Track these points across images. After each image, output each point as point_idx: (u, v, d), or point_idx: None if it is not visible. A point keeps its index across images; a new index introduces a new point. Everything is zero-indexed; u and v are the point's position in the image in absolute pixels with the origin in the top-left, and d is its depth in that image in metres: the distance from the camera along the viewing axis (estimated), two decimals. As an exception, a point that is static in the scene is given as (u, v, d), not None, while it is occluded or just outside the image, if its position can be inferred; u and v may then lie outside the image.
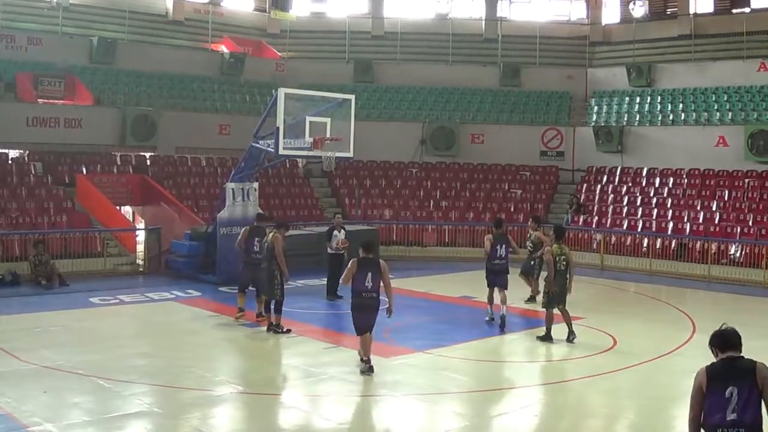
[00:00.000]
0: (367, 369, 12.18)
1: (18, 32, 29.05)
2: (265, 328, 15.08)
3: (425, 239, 26.91)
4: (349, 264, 12.45)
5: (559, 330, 15.40)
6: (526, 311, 17.69)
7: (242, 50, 34.24)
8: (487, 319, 16.38)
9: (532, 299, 18.53)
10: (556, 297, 14.53)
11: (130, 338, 14.83)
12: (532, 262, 18.63)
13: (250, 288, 16.00)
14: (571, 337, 14.54)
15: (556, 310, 14.65)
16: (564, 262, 14.58)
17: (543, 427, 10.30)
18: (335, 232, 18.95)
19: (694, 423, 6.22)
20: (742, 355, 6.22)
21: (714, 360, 6.27)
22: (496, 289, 16.27)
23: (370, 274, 12.12)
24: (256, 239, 15.84)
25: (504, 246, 16.29)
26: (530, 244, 18.81)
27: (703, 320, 16.81)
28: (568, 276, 14.68)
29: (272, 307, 14.94)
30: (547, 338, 14.56)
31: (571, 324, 14.64)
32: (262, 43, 36.49)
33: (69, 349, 13.37)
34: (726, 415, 6.00)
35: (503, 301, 15.99)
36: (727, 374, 6.10)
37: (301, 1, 36.39)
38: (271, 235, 14.91)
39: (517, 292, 18.30)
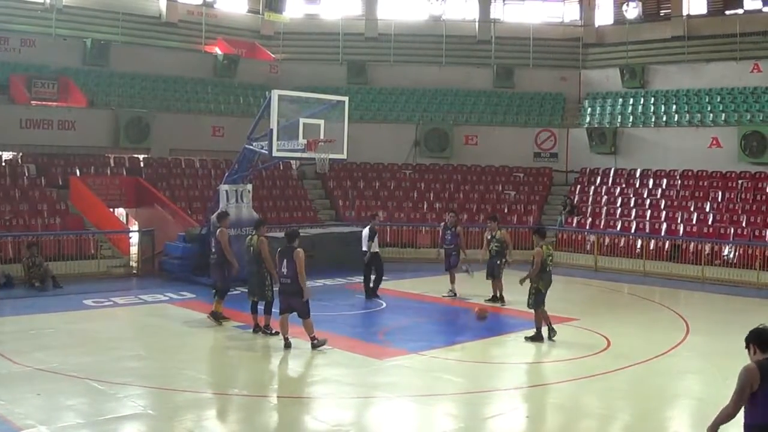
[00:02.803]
0: (284, 346, 13.71)
1: (11, 34, 29.00)
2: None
3: (419, 241, 26.91)
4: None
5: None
6: (520, 312, 17.70)
7: (236, 52, 34.23)
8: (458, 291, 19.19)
9: (494, 299, 18.67)
10: (543, 297, 14.59)
11: (123, 340, 14.80)
12: (498, 262, 18.39)
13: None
14: (552, 334, 14.70)
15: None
16: (550, 261, 14.67)
17: (536, 429, 10.30)
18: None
19: (730, 419, 6.11)
20: None
21: (754, 358, 6.19)
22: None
23: (285, 261, 13.45)
24: (213, 239, 16.69)
25: None
26: (496, 245, 18.63)
27: (696, 321, 16.85)
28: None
29: (260, 308, 14.90)
30: (537, 338, 14.61)
31: (550, 323, 14.79)
32: (256, 45, 36.48)
33: (63, 352, 13.34)
34: None
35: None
36: None
37: (294, 2, 36.35)
38: (256, 238, 14.88)
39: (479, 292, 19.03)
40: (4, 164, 25.52)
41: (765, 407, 5.94)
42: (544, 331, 14.72)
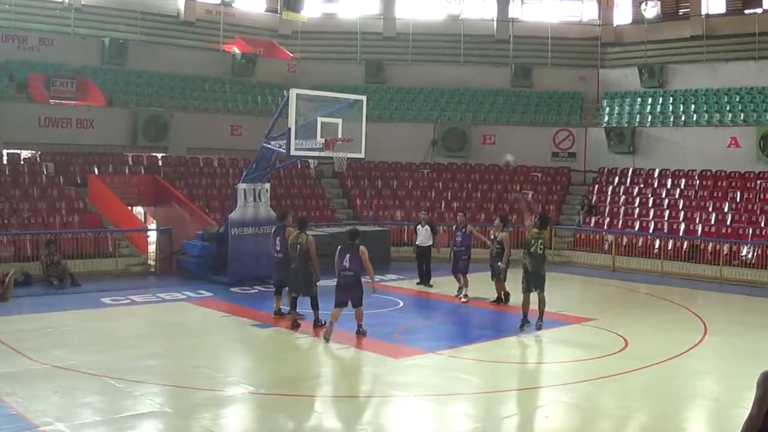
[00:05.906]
0: (325, 337, 14.23)
1: (30, 33, 29.10)
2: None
3: (435, 240, 26.79)
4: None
5: (572, 330, 15.47)
6: (533, 312, 17.64)
7: (254, 51, 34.25)
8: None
9: (498, 300, 18.51)
10: (532, 279, 14.71)
11: (141, 338, 14.86)
12: (500, 263, 17.90)
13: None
14: (539, 324, 14.84)
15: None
16: (541, 246, 14.65)
17: (554, 429, 10.27)
18: (418, 227, 21.77)
19: (756, 429, 5.45)
20: None
21: None
22: None
23: (348, 256, 14.35)
24: (278, 238, 16.41)
25: None
26: (497, 246, 18.11)
27: (714, 322, 16.74)
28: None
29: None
30: (524, 323, 14.81)
31: (543, 314, 14.90)
32: (274, 44, 36.52)
33: (80, 349, 13.41)
34: None
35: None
36: None
37: (312, 2, 36.39)
38: (304, 236, 15.21)
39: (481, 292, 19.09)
40: (23, 163, 25.68)
41: None
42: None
